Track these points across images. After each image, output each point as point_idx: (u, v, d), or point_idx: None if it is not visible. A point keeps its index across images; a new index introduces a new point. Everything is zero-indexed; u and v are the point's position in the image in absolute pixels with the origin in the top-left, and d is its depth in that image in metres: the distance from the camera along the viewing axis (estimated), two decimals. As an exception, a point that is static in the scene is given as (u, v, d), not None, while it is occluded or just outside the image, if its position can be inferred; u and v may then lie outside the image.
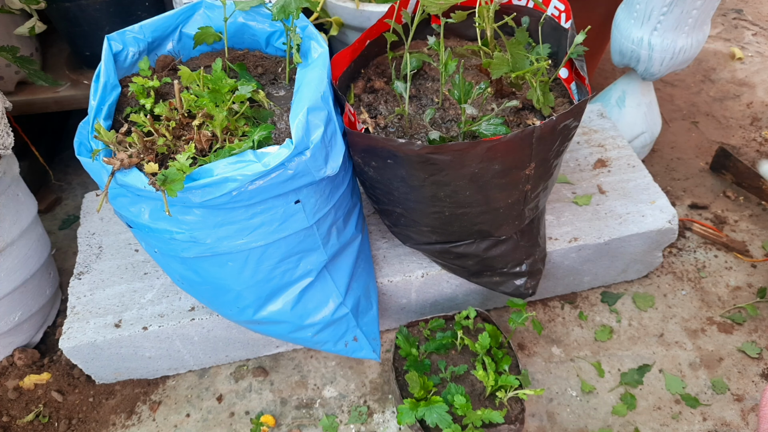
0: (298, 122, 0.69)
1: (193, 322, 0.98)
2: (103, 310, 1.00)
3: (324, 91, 0.75)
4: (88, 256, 1.09)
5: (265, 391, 1.05)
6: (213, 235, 0.74)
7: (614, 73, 1.76)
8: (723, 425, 0.99)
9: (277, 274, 0.82)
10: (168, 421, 1.02)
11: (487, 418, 0.83)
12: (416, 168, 0.76)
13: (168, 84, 0.84)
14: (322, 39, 0.84)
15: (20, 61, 1.14)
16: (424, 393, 0.87)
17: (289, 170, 0.69)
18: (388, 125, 0.83)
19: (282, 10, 0.77)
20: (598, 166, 1.20)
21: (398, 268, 1.03)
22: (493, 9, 0.82)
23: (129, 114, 0.79)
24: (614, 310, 1.15)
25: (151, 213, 0.74)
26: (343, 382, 1.06)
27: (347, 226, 0.88)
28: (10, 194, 1.01)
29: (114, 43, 0.83)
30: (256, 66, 0.89)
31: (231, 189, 0.67)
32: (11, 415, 1.03)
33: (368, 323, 0.98)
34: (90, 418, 1.03)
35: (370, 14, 1.08)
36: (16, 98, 1.30)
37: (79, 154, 0.73)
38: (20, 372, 1.07)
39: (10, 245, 1.00)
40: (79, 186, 1.51)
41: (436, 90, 0.89)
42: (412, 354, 0.95)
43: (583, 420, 1.00)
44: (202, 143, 0.73)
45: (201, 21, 0.88)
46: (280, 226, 0.76)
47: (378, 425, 1.00)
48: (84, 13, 1.22)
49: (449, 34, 0.98)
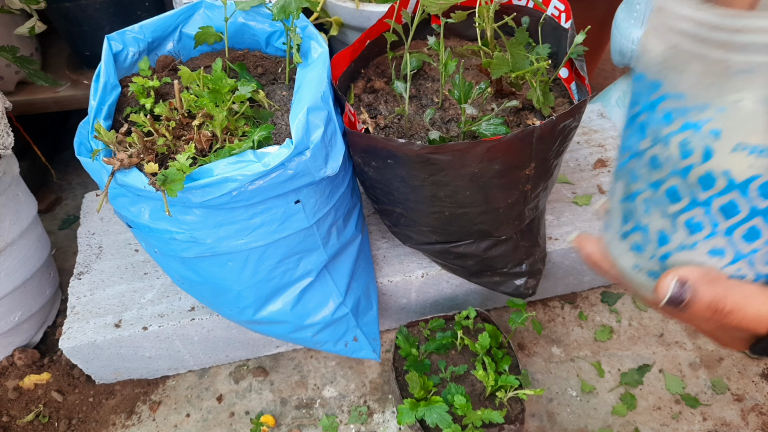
0: (298, 122, 0.70)
1: (193, 322, 0.98)
2: (103, 310, 1.00)
3: (324, 91, 0.75)
4: (88, 256, 1.09)
5: (265, 391, 1.05)
6: (213, 235, 0.74)
7: (614, 73, 1.76)
8: (723, 425, 0.99)
9: (277, 274, 0.82)
10: (168, 421, 1.02)
11: (487, 418, 0.83)
12: (416, 168, 0.76)
13: (168, 84, 0.84)
14: (322, 39, 0.84)
15: (20, 61, 1.14)
16: (424, 393, 0.87)
17: (289, 170, 0.69)
18: (388, 125, 0.83)
19: (282, 10, 0.77)
20: (598, 166, 1.20)
21: (398, 268, 1.03)
22: (493, 9, 0.82)
23: (129, 114, 0.79)
24: (614, 310, 1.15)
25: (151, 213, 0.74)
26: (343, 382, 1.06)
27: (347, 226, 0.88)
28: (10, 194, 1.01)
29: (114, 43, 0.83)
30: (256, 66, 0.89)
31: (231, 189, 0.67)
32: (11, 415, 1.03)
33: (368, 323, 0.98)
34: (90, 418, 1.03)
35: (370, 14, 1.08)
36: (16, 98, 1.30)
37: (79, 154, 0.73)
38: (20, 372, 1.07)
39: (10, 245, 1.00)
40: (79, 186, 1.51)
41: (436, 90, 0.89)
42: (412, 354, 0.95)
43: (583, 420, 1.00)
44: (202, 143, 0.73)
45: (201, 21, 0.88)
46: (280, 226, 0.76)
47: (378, 425, 1.00)
48: (84, 13, 1.22)
49: (449, 34, 0.98)
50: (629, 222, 0.39)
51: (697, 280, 0.35)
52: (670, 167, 0.34)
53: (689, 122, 0.32)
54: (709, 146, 0.32)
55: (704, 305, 0.34)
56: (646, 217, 0.37)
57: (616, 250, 0.42)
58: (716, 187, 0.33)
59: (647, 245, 0.38)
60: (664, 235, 0.37)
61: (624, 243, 0.40)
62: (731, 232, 0.34)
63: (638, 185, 0.37)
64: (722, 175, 0.32)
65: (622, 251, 0.41)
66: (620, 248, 0.41)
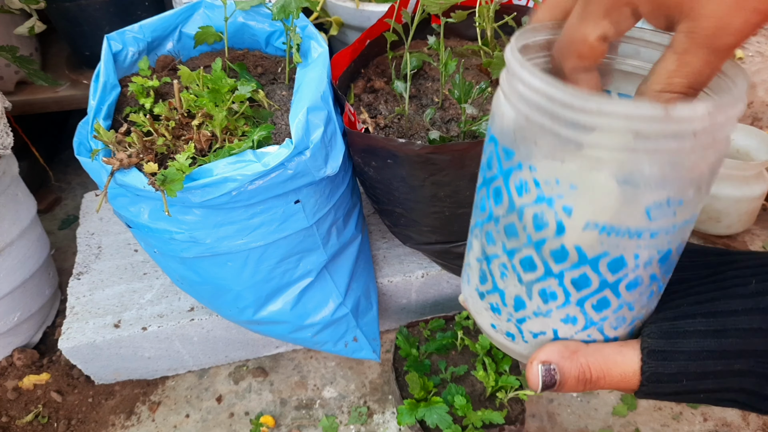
0: (297, 122, 0.69)
1: (192, 323, 0.98)
2: (102, 310, 1.00)
3: (324, 91, 0.75)
4: (88, 256, 1.09)
5: (265, 392, 1.05)
6: (213, 235, 0.74)
7: (614, 73, 1.76)
8: (724, 425, 0.99)
9: (277, 274, 0.82)
10: (167, 422, 1.02)
11: (488, 419, 0.83)
12: (416, 168, 0.76)
13: (168, 84, 0.83)
14: (322, 39, 0.84)
15: (20, 61, 1.14)
16: (424, 393, 0.87)
17: (288, 170, 0.69)
18: (388, 125, 0.83)
19: (282, 10, 0.77)
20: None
21: (398, 268, 1.03)
22: (494, 9, 0.82)
23: (128, 114, 0.79)
24: (614, 310, 1.15)
25: (150, 213, 0.74)
26: (343, 382, 1.06)
27: (347, 226, 0.88)
28: (9, 194, 1.01)
29: (113, 42, 0.83)
30: (256, 66, 0.88)
31: (231, 189, 0.67)
32: (10, 415, 1.02)
33: (368, 323, 0.98)
34: (89, 419, 1.02)
35: (370, 14, 1.07)
36: (15, 98, 1.30)
37: (79, 154, 0.73)
38: (19, 372, 1.07)
39: (9, 245, 1.00)
40: (78, 186, 1.51)
41: (436, 90, 0.89)
42: (412, 354, 0.95)
43: (584, 420, 1.00)
44: (201, 143, 0.72)
45: (201, 21, 0.88)
46: (280, 226, 0.76)
47: (378, 426, 1.00)
48: (84, 13, 1.22)
49: (449, 33, 0.98)
50: (486, 282, 0.39)
51: (559, 360, 0.36)
52: (524, 238, 0.34)
53: (542, 196, 0.32)
54: (562, 222, 0.32)
55: (573, 381, 0.36)
56: (502, 281, 0.38)
57: (475, 307, 0.42)
58: (569, 261, 0.33)
59: (504, 308, 0.39)
60: (520, 301, 0.37)
61: (482, 302, 0.40)
62: (583, 302, 0.35)
63: (494, 249, 0.37)
64: (575, 250, 0.33)
65: (481, 309, 0.41)
66: (478, 306, 0.41)
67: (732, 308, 0.35)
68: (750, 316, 0.34)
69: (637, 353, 0.35)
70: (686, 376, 0.34)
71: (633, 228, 0.31)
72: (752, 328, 0.34)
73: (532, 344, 0.39)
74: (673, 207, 0.31)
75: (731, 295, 0.36)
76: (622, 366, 0.36)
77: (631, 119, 0.27)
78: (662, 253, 0.33)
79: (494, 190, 0.35)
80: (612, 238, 0.32)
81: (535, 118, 0.30)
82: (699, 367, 0.34)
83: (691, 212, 0.32)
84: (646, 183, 0.29)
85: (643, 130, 0.28)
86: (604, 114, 0.28)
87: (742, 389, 0.35)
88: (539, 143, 0.30)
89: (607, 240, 0.32)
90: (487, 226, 0.37)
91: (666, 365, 0.35)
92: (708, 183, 0.31)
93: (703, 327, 0.35)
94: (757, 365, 0.34)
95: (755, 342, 0.34)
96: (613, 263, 0.33)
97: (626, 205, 0.30)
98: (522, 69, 0.30)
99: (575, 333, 0.37)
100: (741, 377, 0.34)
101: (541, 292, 0.36)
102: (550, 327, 0.37)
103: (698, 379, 0.35)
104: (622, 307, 0.35)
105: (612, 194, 0.30)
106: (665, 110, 0.27)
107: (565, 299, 0.35)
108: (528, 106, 0.31)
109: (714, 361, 0.34)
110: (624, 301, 0.35)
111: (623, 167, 0.29)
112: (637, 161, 0.29)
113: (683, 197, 0.31)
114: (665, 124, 0.27)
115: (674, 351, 0.35)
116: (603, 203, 0.30)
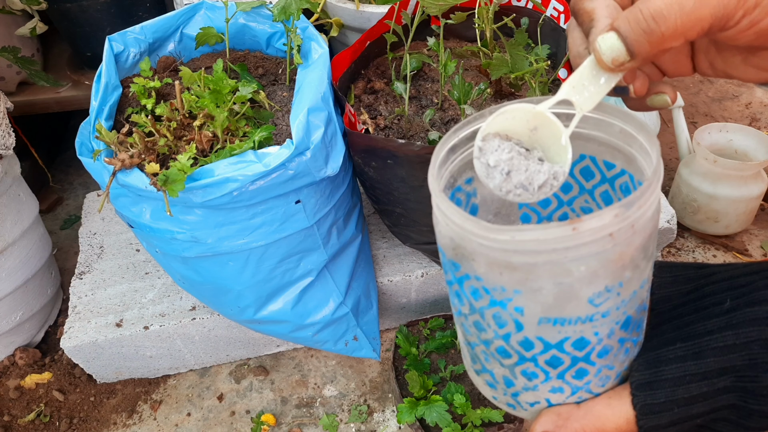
0: (298, 123, 0.70)
1: (194, 322, 0.98)
2: (104, 309, 1.01)
3: (324, 92, 0.75)
4: (90, 255, 1.10)
5: (266, 390, 1.06)
6: (214, 235, 0.75)
7: (614, 73, 1.77)
8: None
9: (278, 274, 0.82)
10: (169, 420, 1.03)
11: (487, 417, 0.83)
12: (416, 168, 0.76)
13: (169, 85, 0.84)
14: (322, 40, 0.84)
15: (21, 62, 1.14)
16: (424, 392, 0.87)
17: (289, 170, 0.70)
18: (388, 126, 0.83)
19: (283, 11, 0.78)
20: (597, 166, 1.20)
21: (398, 267, 1.04)
22: (493, 10, 0.82)
23: (130, 114, 0.79)
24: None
25: (152, 213, 0.74)
26: (344, 381, 1.06)
27: (347, 226, 0.89)
28: (11, 194, 1.02)
29: (115, 43, 0.84)
30: (257, 67, 0.89)
31: (232, 189, 0.68)
32: (12, 414, 1.03)
33: (368, 323, 0.99)
34: (91, 417, 1.03)
35: (370, 15, 1.08)
36: (17, 99, 1.30)
37: (81, 154, 0.73)
38: (21, 371, 1.08)
39: (11, 245, 1.01)
40: (80, 186, 1.52)
41: (436, 91, 0.89)
42: (412, 353, 0.95)
43: (583, 419, 1.00)
44: (203, 144, 0.73)
45: (202, 22, 0.89)
46: (281, 226, 0.76)
47: (378, 424, 1.00)
48: (85, 14, 1.23)
49: (449, 35, 0.98)
50: (477, 363, 0.42)
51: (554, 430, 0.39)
52: (492, 333, 0.37)
53: (495, 300, 0.34)
54: (518, 320, 0.34)
55: None
56: (488, 364, 0.40)
57: (475, 381, 0.45)
58: (536, 348, 0.36)
59: (497, 384, 0.41)
60: (508, 380, 0.40)
61: (479, 378, 0.44)
62: (563, 375, 0.37)
63: (472, 338, 0.40)
64: (538, 340, 0.35)
65: (480, 384, 0.44)
66: (478, 381, 0.44)
67: (708, 329, 0.36)
68: (724, 333, 0.35)
69: (625, 402, 0.38)
70: (676, 403, 0.36)
71: (583, 316, 0.33)
72: (727, 345, 0.35)
73: (531, 412, 0.42)
74: (614, 290, 0.33)
75: (707, 316, 0.37)
76: (613, 419, 0.38)
77: (543, 242, 0.30)
78: (621, 322, 0.35)
79: (455, 293, 0.38)
80: (567, 327, 0.34)
81: (466, 243, 0.33)
82: (685, 392, 0.35)
83: (638, 282, 0.34)
84: (580, 282, 0.32)
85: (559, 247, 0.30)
86: (519, 242, 0.30)
87: (731, 405, 0.36)
88: (477, 260, 0.33)
89: (564, 329, 0.34)
90: (460, 319, 0.40)
91: (654, 395, 0.36)
92: (646, 255, 0.33)
93: (682, 352, 0.36)
94: (737, 380, 0.35)
95: (732, 358, 0.35)
96: (577, 343, 0.35)
97: (569, 301, 0.33)
98: (447, 207, 0.33)
99: (566, 399, 0.39)
100: (727, 394, 0.35)
101: (523, 372, 0.38)
102: (542, 398, 0.40)
103: (688, 404, 0.36)
104: (601, 370, 0.38)
105: (552, 294, 0.32)
106: (572, 228, 0.29)
107: (545, 377, 0.38)
108: (459, 231, 0.33)
109: (698, 383, 0.35)
110: (601, 365, 0.37)
111: (555, 273, 0.31)
112: (565, 268, 0.31)
113: (621, 280, 0.33)
114: (575, 240, 0.30)
115: (659, 380, 0.36)
116: (548, 302, 0.33)
